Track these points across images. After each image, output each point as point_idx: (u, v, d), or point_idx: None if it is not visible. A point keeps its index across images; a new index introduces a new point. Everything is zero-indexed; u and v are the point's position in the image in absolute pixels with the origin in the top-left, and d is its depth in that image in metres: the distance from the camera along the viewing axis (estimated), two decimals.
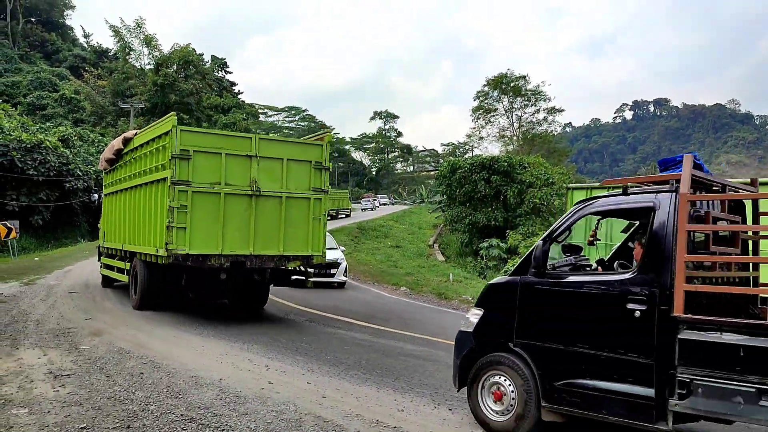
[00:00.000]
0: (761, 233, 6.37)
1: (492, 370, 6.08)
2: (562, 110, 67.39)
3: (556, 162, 50.26)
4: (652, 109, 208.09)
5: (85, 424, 5.63)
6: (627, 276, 5.50)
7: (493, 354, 6.11)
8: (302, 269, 12.65)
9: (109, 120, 51.82)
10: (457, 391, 6.74)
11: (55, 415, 5.85)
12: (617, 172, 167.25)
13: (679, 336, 5.02)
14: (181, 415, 5.99)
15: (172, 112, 12.98)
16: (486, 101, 64.78)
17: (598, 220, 6.38)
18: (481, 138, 65.77)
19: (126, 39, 53.95)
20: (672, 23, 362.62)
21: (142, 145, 13.21)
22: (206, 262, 11.34)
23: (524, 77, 63.41)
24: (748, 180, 6.81)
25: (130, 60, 55.11)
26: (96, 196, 26.58)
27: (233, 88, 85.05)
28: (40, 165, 31.72)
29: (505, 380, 5.98)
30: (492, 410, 6.05)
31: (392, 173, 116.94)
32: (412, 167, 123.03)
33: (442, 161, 71.16)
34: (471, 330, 6.39)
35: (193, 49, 56.67)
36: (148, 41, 53.48)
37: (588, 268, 6.16)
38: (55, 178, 32.62)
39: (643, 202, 5.62)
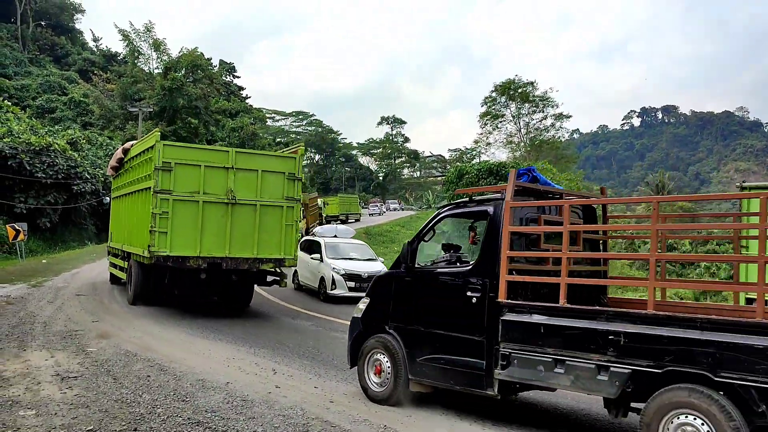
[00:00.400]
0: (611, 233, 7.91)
1: (374, 349, 7.27)
2: (569, 116, 67.46)
3: (563, 168, 50.09)
4: (660, 116, 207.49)
5: (92, 427, 5.61)
6: (467, 269, 6.63)
7: (374, 336, 7.30)
8: (277, 270, 13.66)
9: (117, 123, 51.97)
10: (350, 368, 7.76)
11: (62, 417, 5.84)
12: (625, 179, 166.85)
13: (502, 317, 6.12)
14: (188, 418, 5.97)
15: (156, 129, 14.62)
16: (493, 107, 64.71)
17: (472, 222, 7.22)
18: (489, 144, 65.63)
19: (135, 43, 54.18)
20: (681, 30, 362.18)
21: (135, 156, 14.53)
22: (185, 263, 12.35)
23: (532, 83, 63.34)
24: (605, 189, 8.24)
25: (139, 64, 55.31)
26: (107, 199, 26.82)
27: (241, 92, 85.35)
28: (49, 168, 31.83)
29: (383, 357, 7.14)
30: (374, 382, 7.26)
31: (399, 179, 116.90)
32: (418, 173, 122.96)
33: (449, 167, 71.17)
34: (360, 316, 7.60)
35: (202, 53, 56.87)
36: (157, 45, 53.68)
37: (459, 264, 6.99)
38: (63, 180, 32.72)
39: (481, 208, 6.84)
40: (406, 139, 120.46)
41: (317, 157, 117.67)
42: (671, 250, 35.53)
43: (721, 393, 4.85)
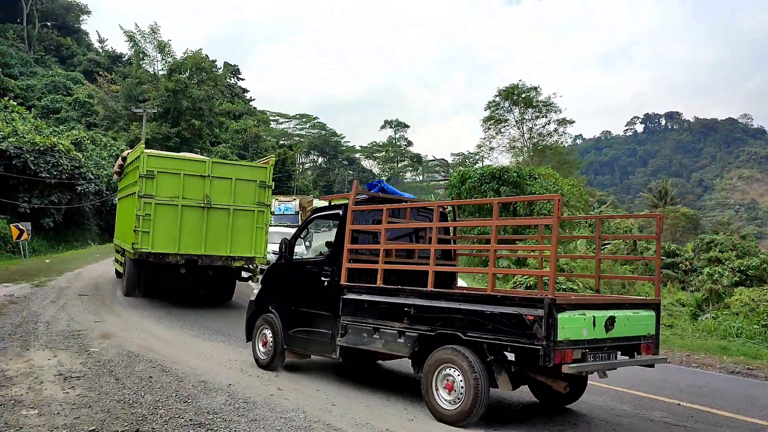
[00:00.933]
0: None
1: (261, 326, 8.90)
2: (572, 122, 67.28)
3: (566, 174, 50.08)
4: (663, 122, 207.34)
5: (94, 427, 5.62)
6: (323, 259, 8.30)
7: (263, 314, 8.93)
8: (249, 267, 14.74)
9: (121, 124, 52.12)
10: (246, 342, 9.32)
11: (64, 417, 5.85)
12: (627, 185, 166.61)
13: (342, 296, 7.71)
14: (190, 419, 5.97)
15: (141, 142, 16.16)
16: (497, 112, 64.70)
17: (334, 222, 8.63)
18: (492, 148, 65.59)
19: (140, 44, 54.33)
20: (686, 37, 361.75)
21: (129, 164, 16.19)
22: (165, 259, 13.73)
23: (535, 88, 63.29)
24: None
25: (144, 65, 55.47)
26: (115, 200, 27.36)
27: (245, 94, 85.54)
28: (53, 168, 31.88)
29: (267, 332, 8.75)
30: (261, 352, 8.86)
31: (402, 182, 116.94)
32: (421, 177, 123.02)
33: (451, 171, 71.11)
34: (254, 299, 9.26)
35: (206, 55, 57.02)
36: (162, 47, 53.84)
37: (321, 255, 8.55)
38: (67, 180, 32.78)
39: (335, 212, 8.38)
40: (409, 143, 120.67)
41: (320, 159, 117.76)
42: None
43: (468, 348, 6.36)
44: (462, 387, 6.34)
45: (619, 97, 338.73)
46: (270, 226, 15.81)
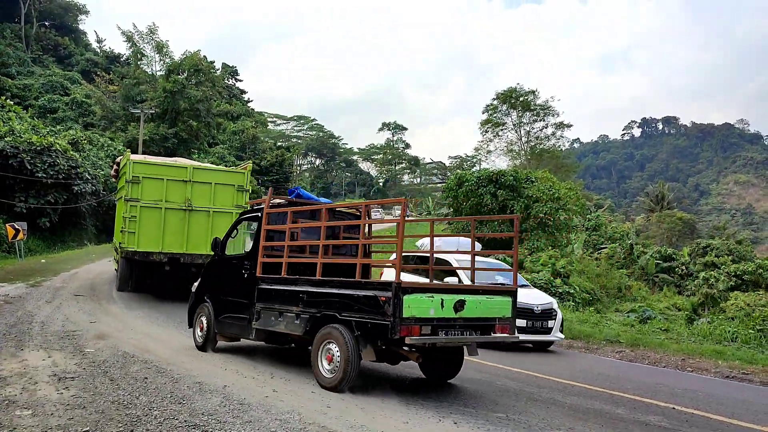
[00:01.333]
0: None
1: (200, 313, 10.22)
2: (570, 125, 67.67)
3: (563, 177, 50.14)
4: (660, 126, 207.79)
5: (88, 428, 5.60)
6: (244, 255, 9.64)
7: (201, 304, 10.21)
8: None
9: (119, 125, 52.04)
10: (189, 328, 10.57)
11: (58, 418, 5.83)
12: (624, 189, 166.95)
13: (257, 286, 8.99)
14: (185, 421, 5.96)
15: (128, 150, 17.43)
16: (495, 115, 64.86)
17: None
18: (489, 152, 65.77)
19: (138, 45, 54.27)
20: (685, 41, 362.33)
21: (121, 168, 17.36)
22: (149, 257, 14.99)
23: (533, 92, 63.53)
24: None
25: (142, 66, 55.42)
26: (116, 200, 27.95)
27: (243, 95, 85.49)
28: (50, 167, 31.85)
29: (204, 319, 10.06)
30: (198, 336, 10.19)
31: (399, 185, 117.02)
32: (419, 179, 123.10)
33: (449, 174, 71.16)
34: (194, 290, 10.56)
35: (205, 56, 56.96)
36: (160, 47, 53.78)
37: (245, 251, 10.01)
38: (64, 180, 32.74)
39: (255, 214, 9.82)
40: (407, 146, 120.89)
41: (318, 161, 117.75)
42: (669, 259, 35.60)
43: (343, 326, 7.58)
44: (338, 358, 7.52)
45: (618, 100, 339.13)
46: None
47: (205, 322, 9.96)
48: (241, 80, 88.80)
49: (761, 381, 11.10)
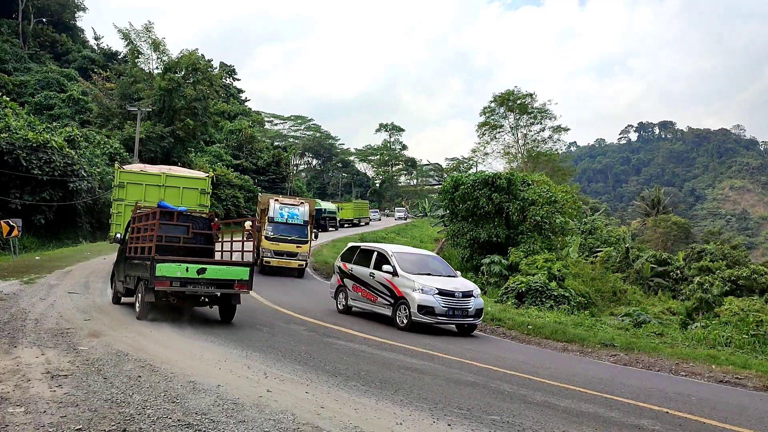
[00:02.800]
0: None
1: (112, 279, 15.25)
2: (567, 129, 67.62)
3: (559, 180, 50.23)
4: (657, 131, 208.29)
5: (80, 426, 5.58)
6: (124, 242, 14.46)
7: (116, 281, 14.82)
8: None
9: (115, 122, 51.84)
10: (112, 303, 14.59)
11: (51, 416, 5.80)
12: (620, 192, 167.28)
13: (125, 260, 14.00)
14: (178, 420, 5.94)
15: (116, 162, 22.01)
16: (492, 117, 64.94)
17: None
18: (486, 154, 65.83)
19: (135, 42, 54.10)
20: (683, 47, 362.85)
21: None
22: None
23: (531, 95, 63.65)
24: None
25: (139, 64, 55.24)
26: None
27: (240, 95, 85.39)
28: (45, 164, 31.75)
29: (115, 283, 14.81)
30: (110, 295, 15.03)
31: (396, 186, 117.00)
32: (415, 180, 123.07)
33: (445, 176, 71.16)
34: (110, 276, 15.86)
35: (202, 55, 56.83)
36: (156, 45, 53.60)
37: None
38: (60, 178, 32.63)
39: (133, 217, 14.04)
40: (404, 147, 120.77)
41: (314, 161, 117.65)
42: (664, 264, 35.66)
43: (142, 283, 12.51)
44: (140, 299, 12.55)
45: (615, 105, 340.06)
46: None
47: (115, 285, 14.76)
48: (238, 79, 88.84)
49: (755, 386, 11.12)
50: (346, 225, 61.78)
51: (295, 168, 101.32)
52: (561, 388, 9.35)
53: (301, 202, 26.68)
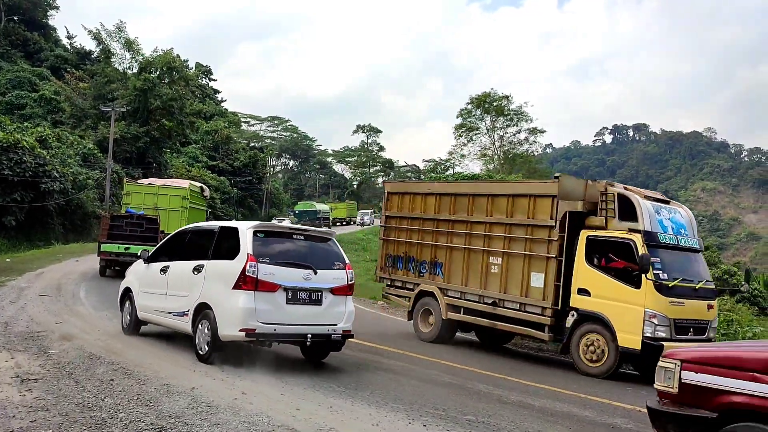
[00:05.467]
0: None
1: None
2: (543, 131, 68.15)
3: None
4: (631, 133, 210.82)
5: (51, 431, 5.49)
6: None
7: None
8: None
9: (89, 123, 51.13)
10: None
11: (20, 420, 5.70)
12: None
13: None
14: (151, 423, 5.87)
15: (124, 178, 27.13)
16: (469, 119, 65.17)
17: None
18: (463, 156, 65.99)
19: (106, 42, 53.33)
20: (660, 51, 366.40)
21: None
22: None
23: (507, 97, 63.95)
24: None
25: (113, 63, 54.50)
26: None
27: (216, 95, 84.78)
28: (16, 165, 31.24)
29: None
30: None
31: (373, 187, 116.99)
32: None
33: (423, 177, 71.31)
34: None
35: (178, 55, 56.31)
36: (129, 45, 52.93)
37: None
38: (31, 178, 32.12)
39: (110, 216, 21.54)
40: (381, 148, 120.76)
41: (291, 163, 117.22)
42: None
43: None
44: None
45: (591, 107, 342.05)
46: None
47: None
48: (215, 80, 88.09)
49: None
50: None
51: (272, 169, 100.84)
52: (536, 388, 9.43)
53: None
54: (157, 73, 52.08)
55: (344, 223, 74.99)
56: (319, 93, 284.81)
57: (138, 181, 29.80)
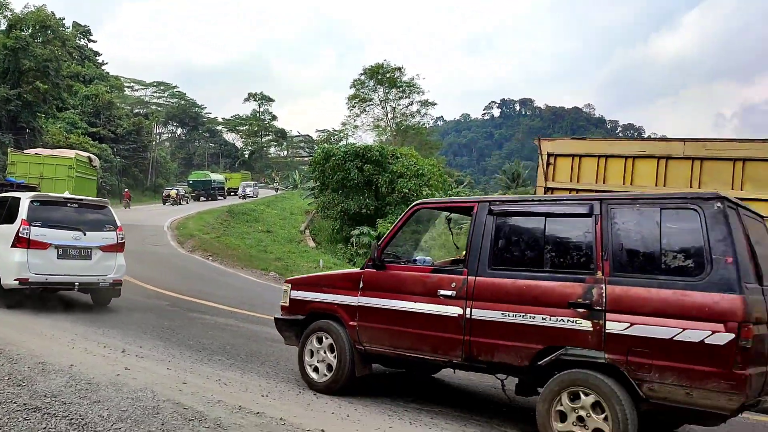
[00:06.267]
0: None
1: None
2: (434, 104, 69.47)
3: (427, 154, 51.59)
4: (517, 108, 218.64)
5: None
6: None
7: None
8: None
9: None
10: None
11: None
12: (484, 166, 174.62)
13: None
14: (24, 404, 5.55)
15: (11, 149, 28.61)
16: (362, 90, 65.26)
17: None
18: (356, 126, 66.19)
19: None
20: (544, 29, 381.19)
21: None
22: None
23: (399, 69, 64.47)
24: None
25: None
26: None
27: (97, 58, 79.80)
28: None
29: None
30: None
31: (265, 157, 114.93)
32: (286, 152, 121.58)
33: (316, 147, 70.94)
34: None
35: (52, 12, 52.37)
36: None
37: None
38: None
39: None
40: (274, 117, 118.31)
41: (179, 130, 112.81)
42: None
43: None
44: None
45: (481, 81, 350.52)
46: None
47: None
48: (95, 41, 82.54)
49: None
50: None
51: (158, 137, 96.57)
52: None
53: None
54: (30, 31, 48.23)
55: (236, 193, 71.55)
56: (208, 59, 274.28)
57: (24, 152, 30.99)
